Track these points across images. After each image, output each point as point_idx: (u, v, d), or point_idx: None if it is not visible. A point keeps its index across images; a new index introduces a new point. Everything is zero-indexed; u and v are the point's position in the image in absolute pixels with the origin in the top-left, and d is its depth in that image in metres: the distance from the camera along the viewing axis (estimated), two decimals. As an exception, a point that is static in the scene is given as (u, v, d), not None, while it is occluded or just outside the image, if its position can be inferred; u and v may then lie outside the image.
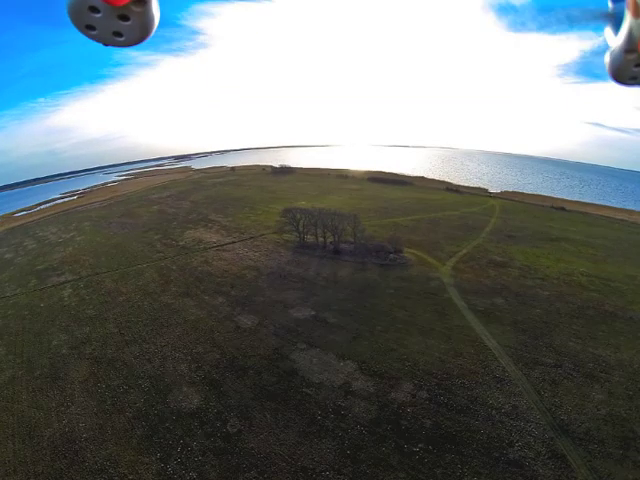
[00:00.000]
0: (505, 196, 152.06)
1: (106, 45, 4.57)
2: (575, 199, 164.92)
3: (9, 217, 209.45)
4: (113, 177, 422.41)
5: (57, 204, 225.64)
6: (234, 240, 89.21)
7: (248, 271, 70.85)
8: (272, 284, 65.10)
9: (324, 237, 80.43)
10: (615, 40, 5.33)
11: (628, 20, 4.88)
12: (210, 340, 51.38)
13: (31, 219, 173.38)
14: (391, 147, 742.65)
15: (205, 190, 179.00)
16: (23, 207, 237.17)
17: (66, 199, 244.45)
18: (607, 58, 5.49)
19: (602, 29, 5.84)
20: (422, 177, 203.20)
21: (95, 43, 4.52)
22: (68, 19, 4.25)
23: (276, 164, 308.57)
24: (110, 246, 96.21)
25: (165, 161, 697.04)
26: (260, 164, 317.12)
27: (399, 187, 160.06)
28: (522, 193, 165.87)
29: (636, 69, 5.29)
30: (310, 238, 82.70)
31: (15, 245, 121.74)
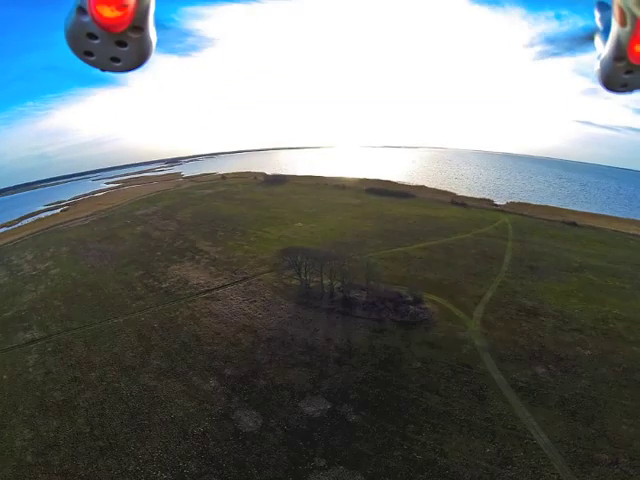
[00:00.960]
0: (513, 209, 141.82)
1: (104, 70, 4.69)
2: (582, 210, 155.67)
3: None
4: (101, 184, 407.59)
5: (39, 219, 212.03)
6: (225, 282, 76.81)
7: (243, 335, 58.53)
8: (274, 356, 53.03)
9: (331, 282, 69.20)
10: (604, 48, 5.47)
11: (615, 29, 4.98)
12: (204, 453, 39.58)
13: (10, 239, 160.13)
14: (383, 148, 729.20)
15: (193, 205, 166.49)
16: (5, 222, 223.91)
17: (49, 213, 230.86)
18: (597, 66, 5.62)
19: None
20: (423, 186, 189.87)
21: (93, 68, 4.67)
22: (67, 45, 4.40)
23: (268, 170, 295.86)
24: (85, 286, 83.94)
25: (155, 165, 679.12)
26: (251, 171, 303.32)
27: (401, 200, 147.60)
28: (530, 205, 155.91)
29: (626, 76, 5.38)
30: (314, 280, 71.08)
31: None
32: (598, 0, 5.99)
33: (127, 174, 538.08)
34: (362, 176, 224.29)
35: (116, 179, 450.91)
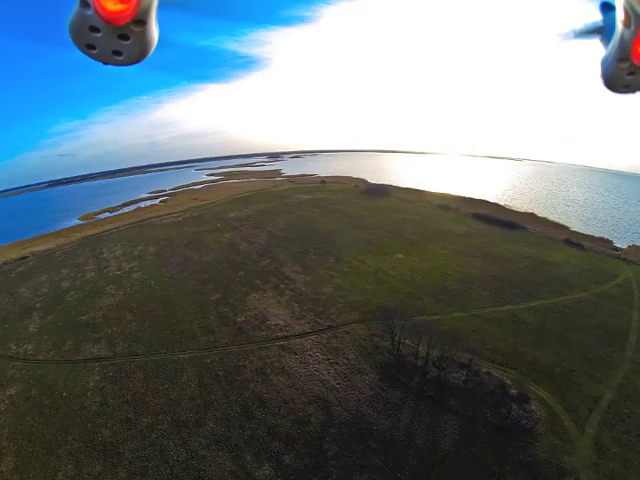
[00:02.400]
0: (637, 257, 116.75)
1: (106, 64, 5.00)
2: None
3: (90, 218, 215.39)
4: (203, 175, 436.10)
5: (139, 208, 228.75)
6: (306, 329, 69.47)
7: (315, 410, 50.75)
8: (344, 449, 44.58)
9: (427, 353, 58.21)
10: (607, 49, 5.79)
11: (619, 30, 5.23)
12: None
13: (108, 227, 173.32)
14: (486, 158, 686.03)
15: (288, 212, 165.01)
16: (107, 207, 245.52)
17: (149, 202, 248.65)
18: (600, 67, 5.96)
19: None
20: (532, 214, 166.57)
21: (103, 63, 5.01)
22: (69, 38, 4.68)
23: (369, 176, 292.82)
24: (160, 301, 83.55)
25: (257, 159, 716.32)
26: (352, 176, 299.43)
27: (509, 233, 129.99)
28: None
29: (629, 77, 5.68)
30: (408, 345, 61.25)
31: (77, 268, 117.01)
32: (602, 0, 6.22)
33: (228, 166, 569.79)
34: (467, 193, 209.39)
35: (217, 171, 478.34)
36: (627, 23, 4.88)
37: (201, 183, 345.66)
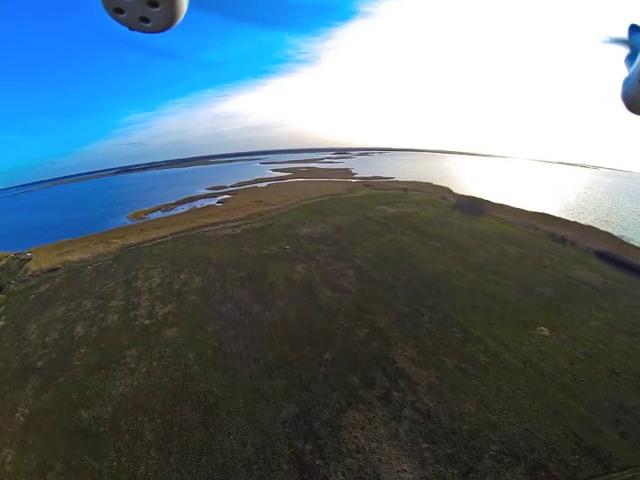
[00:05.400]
0: None
1: (132, 29, 4.89)
2: None
3: (140, 218, 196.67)
4: (267, 170, 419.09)
5: (193, 209, 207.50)
6: None
7: None
8: None
9: None
10: (630, 70, 5.75)
11: None
12: None
13: (152, 236, 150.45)
14: (556, 164, 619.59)
15: (375, 234, 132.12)
16: (160, 205, 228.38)
17: (205, 202, 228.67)
18: (622, 88, 5.77)
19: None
20: None
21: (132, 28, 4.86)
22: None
23: (447, 182, 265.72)
24: (198, 404, 52.92)
25: (324, 154, 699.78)
26: (433, 183, 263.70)
27: None
28: None
29: None
30: None
31: (102, 301, 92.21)
32: (631, 23, 6.17)
33: (294, 161, 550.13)
34: (567, 213, 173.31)
35: (283, 166, 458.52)
36: None
37: (265, 180, 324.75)
